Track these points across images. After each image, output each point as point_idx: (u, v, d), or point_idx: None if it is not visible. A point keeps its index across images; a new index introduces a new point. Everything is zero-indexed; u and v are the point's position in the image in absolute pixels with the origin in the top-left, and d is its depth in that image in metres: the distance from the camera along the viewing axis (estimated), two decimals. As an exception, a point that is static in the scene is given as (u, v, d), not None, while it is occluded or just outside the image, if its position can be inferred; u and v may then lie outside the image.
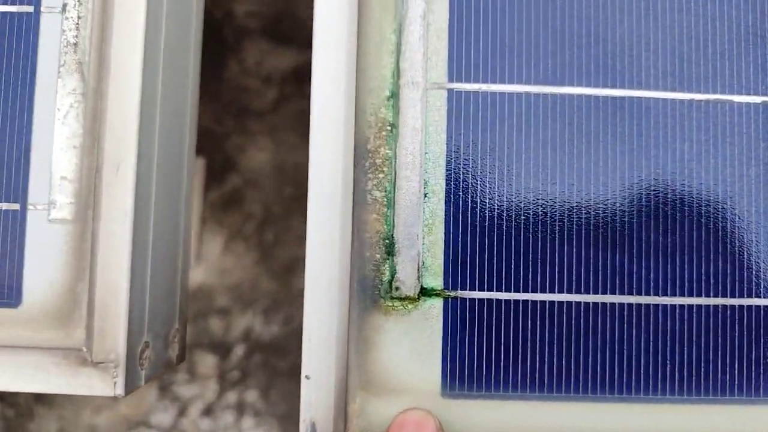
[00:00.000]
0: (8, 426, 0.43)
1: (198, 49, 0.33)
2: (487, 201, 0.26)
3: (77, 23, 0.27)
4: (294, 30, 0.44)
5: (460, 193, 0.26)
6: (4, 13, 0.27)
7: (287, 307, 0.43)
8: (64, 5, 0.27)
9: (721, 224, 0.26)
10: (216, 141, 0.43)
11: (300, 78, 0.44)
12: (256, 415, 0.43)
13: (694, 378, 0.26)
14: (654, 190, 0.26)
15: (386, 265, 0.26)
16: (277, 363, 0.43)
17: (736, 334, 0.26)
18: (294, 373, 0.43)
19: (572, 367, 0.26)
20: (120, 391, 0.25)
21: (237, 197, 0.43)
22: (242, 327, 0.43)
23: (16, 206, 0.26)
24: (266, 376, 0.43)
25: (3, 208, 0.26)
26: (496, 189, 0.26)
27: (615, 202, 0.26)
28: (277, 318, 0.43)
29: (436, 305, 0.26)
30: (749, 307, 0.26)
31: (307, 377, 0.24)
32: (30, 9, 0.27)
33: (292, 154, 0.44)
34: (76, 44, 0.26)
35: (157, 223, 0.28)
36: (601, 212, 0.26)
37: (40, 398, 0.43)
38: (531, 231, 0.26)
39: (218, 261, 0.43)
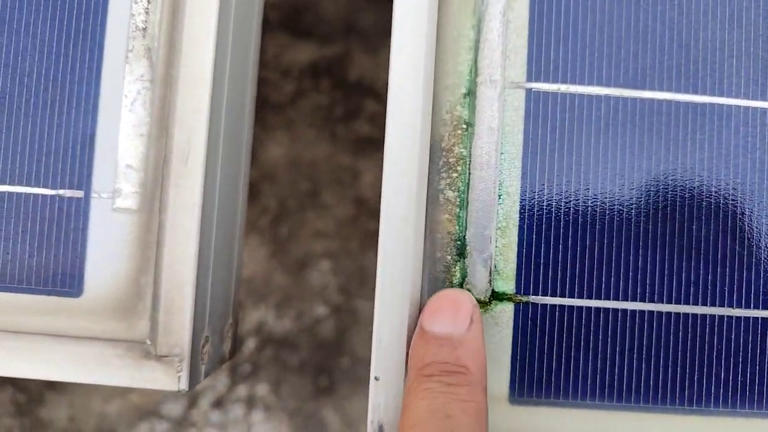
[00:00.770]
0: (19, 411, 0.43)
1: (259, 31, 0.32)
2: (562, 205, 0.25)
3: (147, 8, 0.26)
4: (313, 24, 0.44)
5: (536, 196, 0.25)
6: (73, -5, 0.26)
7: (299, 302, 0.43)
8: (134, -12, 0.26)
9: (799, 237, 0.26)
10: None
11: (317, 72, 0.44)
12: (266, 409, 0.43)
13: (765, 391, 0.25)
14: (732, 199, 0.26)
15: (457, 267, 0.25)
16: (288, 358, 0.43)
17: (811, 350, 0.26)
18: (304, 368, 0.43)
19: (642, 378, 0.25)
20: (184, 385, 0.25)
21: (253, 191, 0.43)
22: (255, 321, 0.43)
23: (80, 193, 0.26)
24: (277, 371, 0.43)
25: (66, 196, 0.26)
26: (572, 193, 0.25)
27: (692, 210, 0.26)
28: (289, 313, 0.43)
29: (506, 310, 0.25)
30: (825, 322, 0.26)
31: (376, 378, 0.24)
32: (99, -9, 0.26)
33: (309, 149, 0.43)
34: (145, 29, 0.26)
35: (219, 214, 0.27)
36: (678, 220, 0.26)
37: (52, 385, 0.43)
38: (606, 237, 0.25)
39: None
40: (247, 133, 0.31)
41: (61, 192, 0.26)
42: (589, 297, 0.25)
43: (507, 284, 0.25)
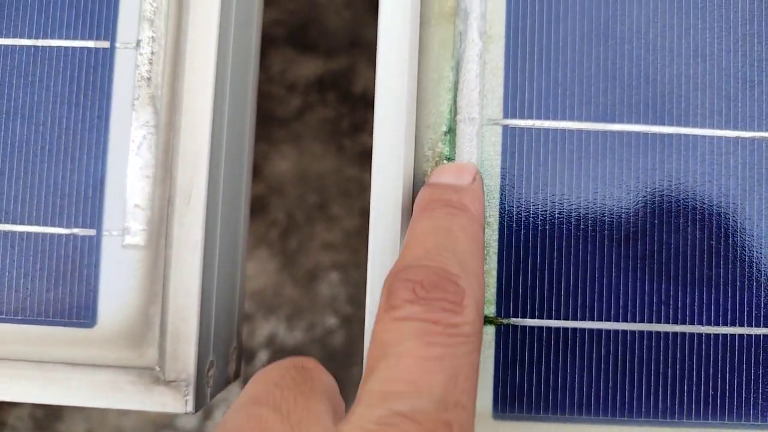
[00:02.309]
0: (38, 426, 0.44)
1: (256, 75, 0.34)
2: (539, 233, 0.27)
3: (150, 59, 0.28)
4: (319, 38, 0.44)
5: (513, 225, 0.27)
6: (83, 48, 0.28)
7: (310, 314, 0.44)
8: (139, 41, 0.28)
9: (764, 258, 0.27)
10: None
11: (323, 87, 0.44)
12: None
13: (736, 405, 0.27)
14: (700, 224, 0.27)
15: (442, 293, 0.27)
16: None
17: (778, 364, 0.27)
18: None
19: (618, 392, 0.27)
20: (191, 408, 0.27)
21: (261, 204, 0.44)
22: (266, 333, 0.44)
23: (93, 232, 0.28)
24: None
25: (80, 234, 0.28)
26: (548, 221, 0.27)
27: (662, 235, 0.27)
28: (300, 324, 0.44)
29: (489, 332, 0.27)
30: (790, 337, 0.27)
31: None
32: (106, 45, 0.28)
33: (316, 162, 0.44)
34: (149, 79, 0.28)
35: (221, 249, 0.29)
36: (648, 244, 0.27)
37: None
38: (581, 262, 0.27)
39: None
40: (247, 170, 0.33)
41: (75, 231, 0.28)
42: (566, 318, 0.27)
43: (488, 308, 0.27)
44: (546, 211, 0.27)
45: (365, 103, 0.45)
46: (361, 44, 0.45)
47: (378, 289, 0.23)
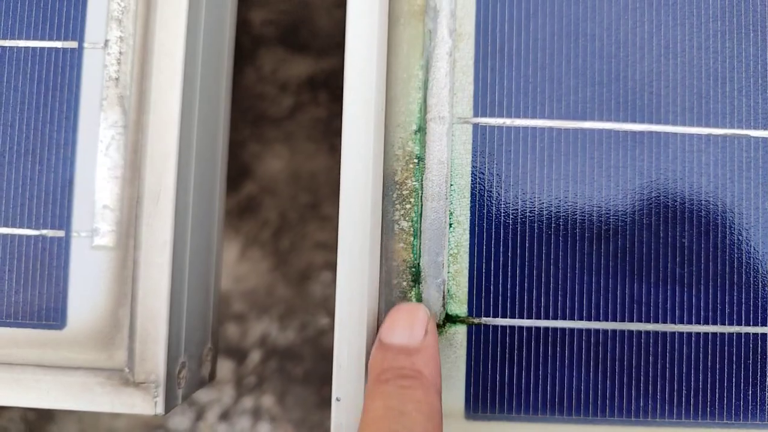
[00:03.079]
0: (29, 428, 0.44)
1: (230, 75, 0.34)
2: (510, 231, 0.27)
3: (119, 59, 0.28)
4: (310, 38, 0.44)
5: (484, 224, 0.27)
6: (50, 49, 0.28)
7: (302, 313, 0.44)
8: (107, 41, 0.28)
9: (736, 255, 0.27)
10: (232, 148, 0.43)
11: (315, 86, 0.44)
12: (271, 420, 0.43)
13: (708, 403, 0.27)
14: (672, 222, 0.27)
15: (412, 293, 0.27)
16: (292, 369, 0.44)
17: (750, 362, 0.27)
18: (309, 379, 0.43)
19: (591, 392, 0.27)
20: (160, 410, 0.26)
21: (253, 204, 0.44)
22: (258, 333, 0.43)
23: (61, 233, 0.28)
24: (282, 382, 0.44)
25: (49, 236, 0.28)
26: (519, 220, 0.27)
27: (634, 233, 0.27)
28: (292, 324, 0.44)
29: (460, 332, 0.27)
30: (763, 335, 0.27)
31: (338, 399, 0.26)
32: (74, 45, 0.28)
33: (308, 161, 0.44)
34: (117, 79, 0.28)
35: (192, 250, 0.29)
36: (620, 243, 0.27)
37: None
38: (552, 260, 0.27)
39: (234, 267, 0.44)
40: (221, 170, 0.33)
41: (43, 232, 0.28)
42: (538, 317, 0.27)
43: (460, 307, 0.27)
44: (517, 210, 0.27)
45: (356, 102, 0.45)
46: (353, 44, 0.45)
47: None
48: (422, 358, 0.24)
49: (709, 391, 0.27)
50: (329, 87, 0.44)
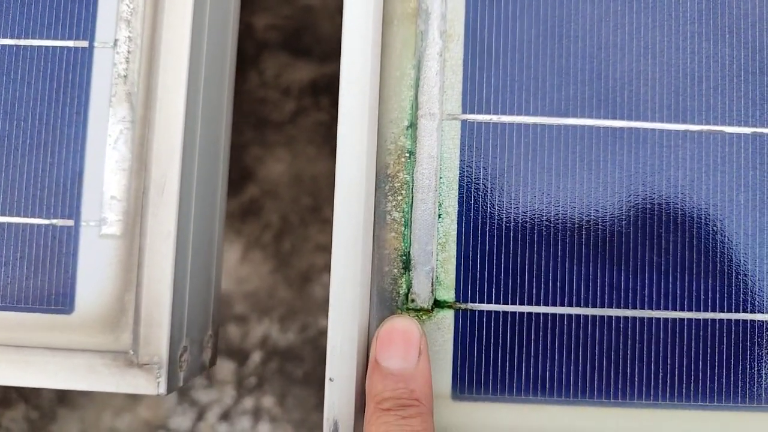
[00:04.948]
0: (32, 427, 0.44)
1: (232, 76, 0.35)
2: (495, 222, 0.29)
3: (127, 57, 0.29)
4: (313, 43, 0.45)
5: (471, 215, 0.29)
6: (62, 48, 0.30)
7: (303, 315, 0.44)
8: (116, 41, 0.30)
9: (711, 245, 0.29)
10: (235, 152, 0.43)
11: (317, 91, 0.45)
12: (272, 421, 0.44)
13: (684, 385, 0.28)
14: (650, 213, 0.29)
15: (403, 279, 0.29)
16: (293, 370, 0.44)
17: (724, 346, 0.28)
18: (309, 380, 0.44)
19: (572, 374, 0.28)
20: (163, 390, 0.28)
21: (255, 207, 0.44)
22: (259, 334, 0.44)
23: (71, 222, 0.29)
24: (282, 383, 0.44)
25: (59, 224, 0.29)
26: (504, 211, 0.29)
27: (613, 224, 0.29)
28: (293, 326, 0.44)
29: (447, 316, 0.28)
30: (736, 321, 0.28)
31: (331, 380, 0.27)
32: (85, 44, 0.30)
33: (310, 165, 0.44)
34: (125, 76, 0.29)
35: (195, 240, 0.31)
36: (600, 233, 0.29)
37: (63, 401, 0.44)
38: (536, 249, 0.28)
39: (236, 269, 0.44)
40: (223, 165, 0.35)
41: (54, 221, 0.29)
42: (522, 303, 0.28)
43: (447, 293, 0.28)
44: (502, 201, 0.29)
45: (358, 107, 0.45)
46: (354, 49, 0.46)
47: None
48: (418, 383, 0.26)
49: (684, 374, 0.28)
50: (331, 92, 0.45)
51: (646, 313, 0.28)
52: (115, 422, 0.44)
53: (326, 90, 0.45)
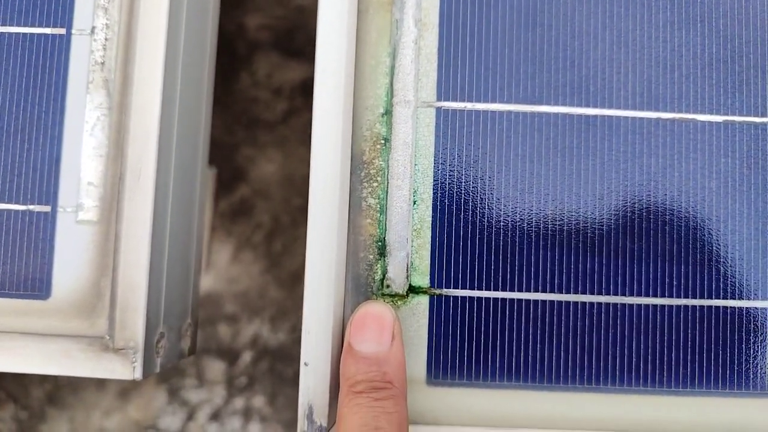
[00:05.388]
0: (21, 428, 0.44)
1: (212, 65, 0.36)
2: (470, 208, 0.29)
3: (104, 44, 0.30)
4: (304, 44, 0.45)
5: (446, 201, 0.29)
6: (40, 35, 0.30)
7: (294, 315, 0.44)
8: (93, 28, 0.30)
9: (683, 232, 0.29)
10: (226, 151, 0.44)
11: (309, 91, 0.43)
12: (262, 421, 0.44)
13: (657, 371, 0.29)
14: (623, 200, 0.29)
15: (378, 265, 0.29)
16: (283, 370, 0.44)
17: (696, 332, 0.29)
18: (299, 380, 0.44)
19: (546, 359, 0.28)
20: (138, 374, 0.28)
21: (246, 207, 0.44)
22: (250, 334, 0.44)
23: (48, 208, 0.29)
24: (273, 383, 0.44)
25: (36, 210, 0.29)
26: (479, 197, 0.29)
27: (587, 211, 0.29)
28: (283, 326, 0.44)
29: (422, 302, 0.29)
30: (708, 307, 0.29)
31: (306, 364, 0.27)
32: (62, 31, 0.30)
33: (301, 165, 0.45)
34: (102, 63, 0.30)
35: (172, 227, 0.31)
36: (574, 219, 0.29)
37: (52, 401, 0.44)
38: (510, 236, 0.29)
39: (227, 269, 0.44)
40: (202, 154, 0.35)
41: (30, 207, 0.29)
42: (495, 289, 0.29)
43: (422, 279, 0.29)
44: (476, 188, 0.29)
45: (349, 107, 0.45)
46: (345, 49, 0.46)
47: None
48: (391, 366, 0.26)
49: (657, 359, 0.28)
50: None
51: (620, 299, 0.29)
52: (105, 422, 0.44)
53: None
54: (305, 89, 0.45)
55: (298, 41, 0.45)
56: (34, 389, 0.44)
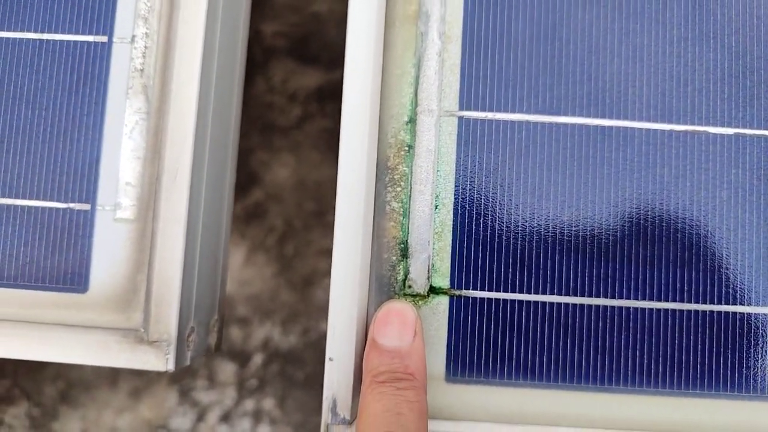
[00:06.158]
0: (34, 425, 0.44)
1: (242, 72, 0.37)
2: (489, 213, 0.30)
3: (144, 52, 0.31)
4: (319, 50, 0.46)
5: (467, 206, 0.30)
6: (83, 42, 0.31)
7: (305, 319, 0.44)
8: (133, 37, 0.31)
9: (694, 239, 0.30)
10: (241, 155, 0.43)
11: (323, 97, 0.45)
12: (272, 423, 0.44)
13: (668, 373, 0.30)
14: (636, 208, 0.30)
15: (400, 266, 0.30)
16: (294, 373, 0.44)
17: (706, 336, 0.30)
18: (310, 383, 0.44)
19: (560, 360, 0.30)
20: (171, 366, 0.29)
21: (259, 211, 0.45)
22: (261, 337, 0.44)
23: (87, 206, 0.31)
24: (283, 385, 0.44)
25: (76, 208, 0.31)
26: (498, 203, 0.30)
27: (601, 218, 0.30)
28: (295, 329, 0.44)
29: (443, 302, 0.30)
30: (718, 312, 0.30)
31: (330, 359, 0.29)
32: (104, 39, 0.31)
33: (314, 170, 0.45)
34: (142, 70, 0.31)
35: (204, 226, 0.32)
36: (589, 226, 0.30)
37: (65, 399, 0.44)
38: (527, 240, 0.30)
39: (239, 272, 0.44)
40: (231, 157, 0.36)
41: (71, 205, 0.31)
42: (513, 291, 0.30)
43: (443, 280, 0.30)
44: (496, 194, 0.30)
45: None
46: (361, 56, 0.46)
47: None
48: (413, 360, 0.28)
49: (668, 361, 0.30)
50: (337, 98, 0.45)
51: (632, 303, 0.30)
52: (117, 421, 0.44)
53: (332, 96, 0.46)
54: (320, 95, 0.45)
55: (313, 48, 0.46)
56: (48, 387, 0.44)
